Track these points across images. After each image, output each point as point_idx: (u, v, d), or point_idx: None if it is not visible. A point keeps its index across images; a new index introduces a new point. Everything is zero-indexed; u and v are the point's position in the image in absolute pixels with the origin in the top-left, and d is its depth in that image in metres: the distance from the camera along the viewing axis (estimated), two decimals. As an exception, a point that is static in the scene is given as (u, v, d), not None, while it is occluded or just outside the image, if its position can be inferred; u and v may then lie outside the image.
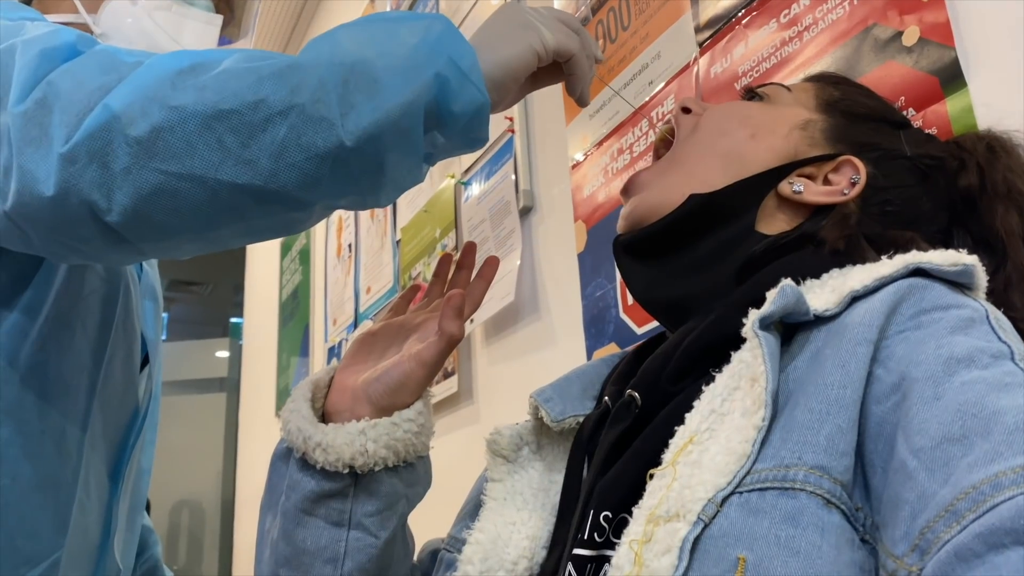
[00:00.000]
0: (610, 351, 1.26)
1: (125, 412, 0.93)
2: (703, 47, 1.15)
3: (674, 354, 0.58)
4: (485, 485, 0.67)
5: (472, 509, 0.71)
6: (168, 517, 5.13)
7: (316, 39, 0.61)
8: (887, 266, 0.53)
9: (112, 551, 0.91)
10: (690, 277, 0.64)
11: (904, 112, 0.81)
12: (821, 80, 0.74)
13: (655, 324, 1.15)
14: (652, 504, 0.47)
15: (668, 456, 0.49)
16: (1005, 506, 0.37)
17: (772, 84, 0.74)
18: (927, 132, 0.75)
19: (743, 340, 0.52)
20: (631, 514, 0.49)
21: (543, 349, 1.49)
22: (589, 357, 1.33)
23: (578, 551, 0.54)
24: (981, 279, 0.52)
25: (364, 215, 2.45)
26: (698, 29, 1.17)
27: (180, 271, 6.01)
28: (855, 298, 0.52)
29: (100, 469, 0.88)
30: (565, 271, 1.43)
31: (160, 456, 1.13)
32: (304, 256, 3.11)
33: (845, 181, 0.64)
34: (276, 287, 3.49)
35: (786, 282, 0.53)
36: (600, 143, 1.37)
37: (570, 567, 0.54)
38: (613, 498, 0.53)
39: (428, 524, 0.84)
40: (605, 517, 0.53)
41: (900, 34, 0.85)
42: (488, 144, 1.69)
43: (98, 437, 0.87)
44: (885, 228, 0.63)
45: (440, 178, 1.92)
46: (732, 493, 0.45)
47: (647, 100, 1.26)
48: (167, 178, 0.57)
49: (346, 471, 0.64)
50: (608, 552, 0.50)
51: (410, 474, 0.68)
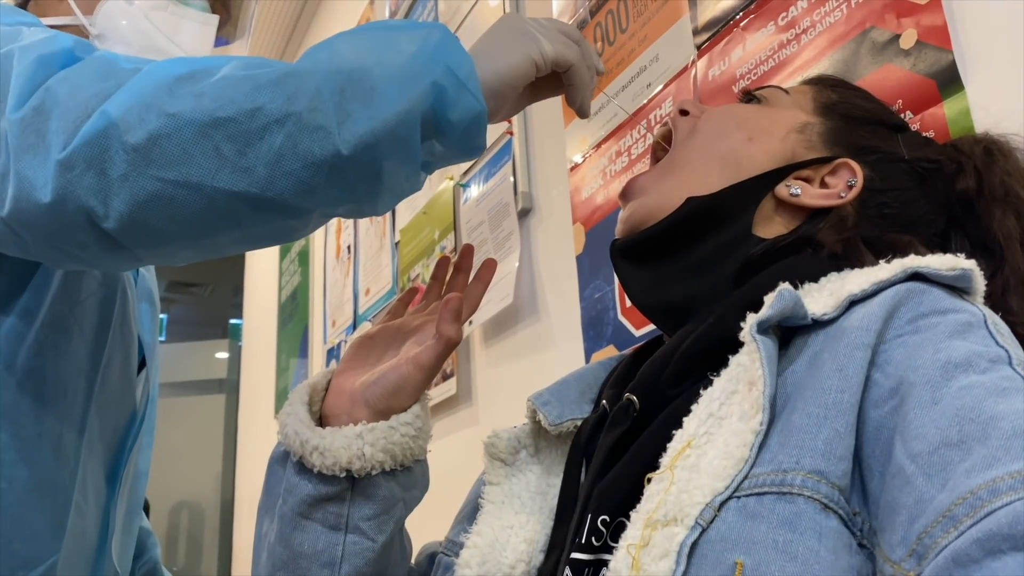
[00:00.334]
0: (608, 353, 1.26)
1: (123, 415, 0.93)
2: (701, 50, 1.15)
3: (672, 358, 0.57)
4: (483, 488, 0.67)
5: (470, 512, 0.71)
6: (167, 518, 5.13)
7: (314, 47, 0.61)
8: (885, 270, 0.52)
9: (110, 554, 0.91)
10: (687, 281, 0.64)
11: (901, 115, 0.80)
12: (819, 83, 0.74)
13: (653, 327, 1.15)
14: (650, 508, 0.47)
15: (666, 460, 0.49)
16: (1003, 512, 0.36)
17: (770, 87, 0.74)
18: (924, 135, 0.75)
19: (741, 344, 0.52)
20: (629, 518, 0.49)
21: (542, 351, 1.49)
22: (587, 359, 1.33)
23: (576, 555, 0.54)
24: (979, 283, 0.52)
25: (363, 217, 2.45)
26: (696, 32, 1.17)
27: (179, 272, 6.01)
28: (853, 302, 0.52)
29: (97, 472, 0.88)
30: (563, 273, 1.43)
31: (159, 457, 1.13)
32: (303, 258, 3.11)
33: (842, 184, 0.64)
34: (275, 288, 3.49)
35: (784, 286, 0.53)
36: (598, 145, 1.37)
37: (567, 571, 0.54)
38: (611, 502, 0.53)
39: (426, 527, 0.84)
40: (603, 521, 0.53)
41: (898, 37, 0.85)
42: (486, 148, 1.69)
43: (95, 440, 0.87)
44: (883, 231, 0.63)
45: (439, 180, 1.92)
46: (730, 497, 0.45)
47: (645, 102, 1.26)
48: (164, 185, 0.57)
49: (343, 475, 0.64)
50: (606, 556, 0.50)
51: (407, 478, 0.68)
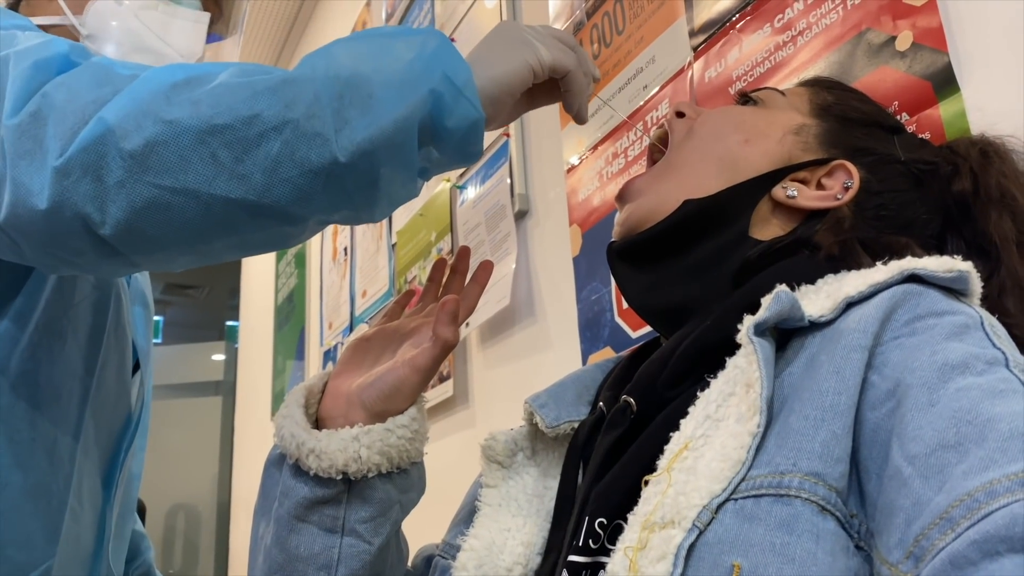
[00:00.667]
0: (605, 355, 1.26)
1: (118, 419, 0.93)
2: (697, 51, 1.15)
3: (669, 360, 0.57)
4: (480, 491, 0.67)
5: (467, 515, 0.71)
6: (164, 521, 5.12)
7: (311, 54, 0.61)
8: (882, 272, 0.52)
9: (106, 558, 0.90)
10: (685, 283, 0.64)
11: (897, 117, 0.81)
12: (815, 84, 0.74)
13: (650, 329, 1.15)
14: (647, 511, 0.47)
15: (663, 462, 0.49)
16: (999, 513, 0.36)
17: (766, 88, 0.74)
18: (921, 137, 0.75)
19: (738, 345, 0.52)
20: (626, 520, 0.48)
21: (538, 353, 1.49)
22: (584, 361, 1.33)
23: (573, 558, 0.53)
24: (976, 285, 0.52)
25: (359, 218, 2.45)
26: (692, 33, 1.17)
27: (175, 275, 5.99)
28: (850, 304, 0.52)
29: (93, 476, 0.88)
30: (560, 275, 1.43)
31: (156, 460, 1.13)
32: (300, 260, 3.11)
33: (838, 186, 0.64)
34: (272, 290, 3.49)
35: (781, 288, 0.53)
36: (595, 147, 1.37)
37: (565, 573, 0.54)
38: (608, 504, 0.53)
39: (423, 529, 0.83)
40: (600, 523, 0.53)
41: (893, 39, 0.85)
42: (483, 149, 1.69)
43: (91, 445, 0.87)
44: (879, 233, 0.63)
45: (435, 182, 1.92)
46: (727, 500, 0.45)
47: (641, 104, 1.26)
48: (161, 192, 0.57)
49: (339, 477, 0.64)
50: (603, 559, 0.50)
51: (404, 480, 0.68)
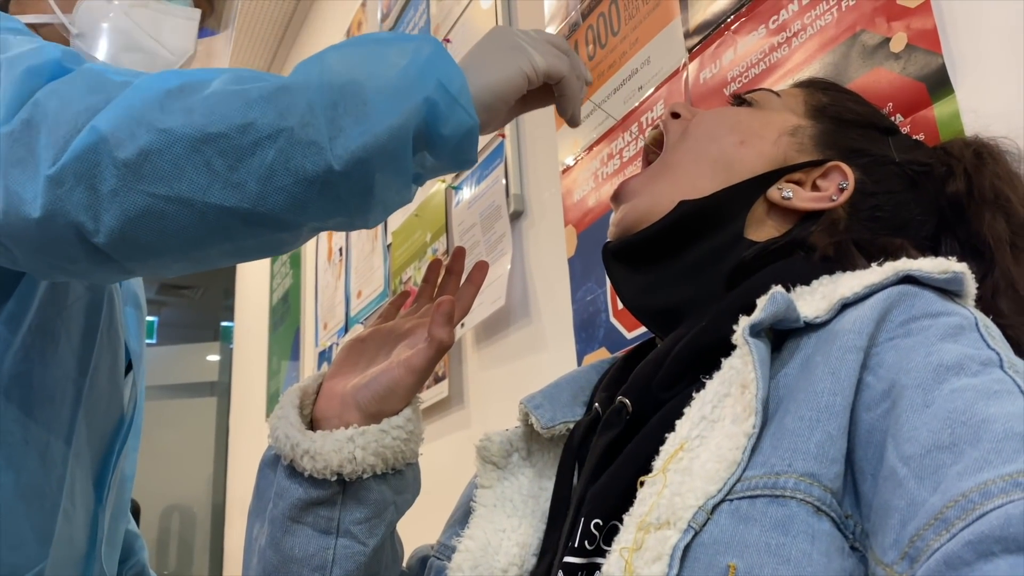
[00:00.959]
0: (600, 355, 1.26)
1: (110, 420, 0.92)
2: (692, 53, 1.15)
3: (665, 361, 0.57)
4: (475, 492, 0.67)
5: (462, 516, 0.71)
6: (158, 522, 5.11)
7: (304, 61, 0.61)
8: (877, 273, 0.52)
9: (99, 559, 0.90)
10: (680, 284, 0.64)
11: (892, 118, 0.81)
12: (810, 86, 0.74)
13: (645, 329, 1.15)
14: (643, 512, 0.47)
15: (659, 463, 0.49)
16: (994, 514, 0.36)
17: (761, 90, 0.74)
18: (915, 138, 0.75)
19: (734, 347, 0.52)
20: (622, 521, 0.48)
21: (534, 353, 1.49)
22: (579, 361, 1.33)
23: (569, 559, 0.53)
24: (970, 287, 0.52)
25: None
26: (687, 35, 1.17)
27: (170, 275, 5.99)
28: (845, 305, 0.52)
29: (85, 478, 0.88)
30: (555, 275, 1.43)
31: (150, 460, 1.13)
32: (295, 260, 3.10)
33: (833, 187, 0.64)
34: (267, 291, 3.48)
35: (776, 289, 0.53)
36: (590, 148, 1.37)
37: (560, 574, 0.54)
38: (604, 505, 0.53)
39: (418, 530, 0.83)
40: (596, 524, 0.53)
41: (888, 40, 0.85)
42: (479, 149, 1.69)
43: (83, 446, 0.87)
44: (874, 234, 0.63)
45: (431, 183, 1.92)
46: (723, 500, 0.45)
47: (636, 105, 1.26)
48: (155, 200, 0.56)
49: (334, 479, 0.63)
50: (599, 560, 0.50)
51: (399, 481, 0.68)
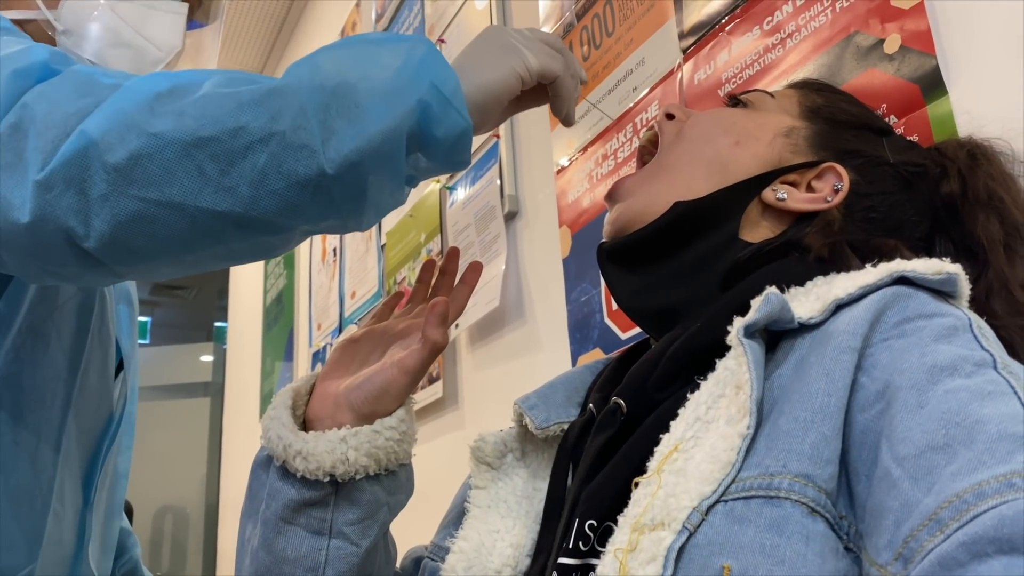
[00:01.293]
0: (595, 356, 1.26)
1: (99, 420, 0.92)
2: (687, 53, 1.15)
3: (659, 361, 0.57)
4: (469, 492, 0.67)
5: (456, 517, 0.71)
6: (151, 522, 5.10)
7: (296, 63, 0.60)
8: (871, 274, 0.53)
9: (86, 559, 0.89)
10: (675, 285, 0.64)
11: (886, 119, 0.81)
12: (804, 87, 0.74)
13: (639, 330, 1.15)
14: (637, 513, 0.47)
15: (653, 464, 0.49)
16: (988, 515, 0.37)
17: (755, 91, 0.74)
18: (909, 139, 0.75)
19: (728, 347, 0.52)
20: (616, 523, 0.48)
21: (528, 354, 1.49)
22: (574, 362, 1.33)
23: (563, 560, 0.53)
24: (964, 288, 0.52)
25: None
26: (682, 36, 1.17)
27: (163, 275, 5.97)
28: (839, 306, 0.52)
29: (74, 477, 0.87)
30: (550, 276, 1.43)
31: (144, 461, 1.12)
32: (288, 261, 3.10)
33: (828, 188, 0.65)
34: (260, 291, 3.47)
35: (771, 290, 0.53)
36: (585, 148, 1.37)
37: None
38: (598, 506, 0.53)
39: (411, 531, 0.83)
40: (590, 526, 0.53)
41: (882, 42, 0.85)
42: (473, 150, 1.69)
43: (72, 446, 0.86)
44: (869, 235, 0.63)
45: (425, 183, 1.91)
46: (717, 501, 0.45)
47: (631, 106, 1.26)
48: (145, 205, 0.56)
49: (327, 479, 0.63)
50: (593, 561, 0.50)
51: (392, 482, 0.68)
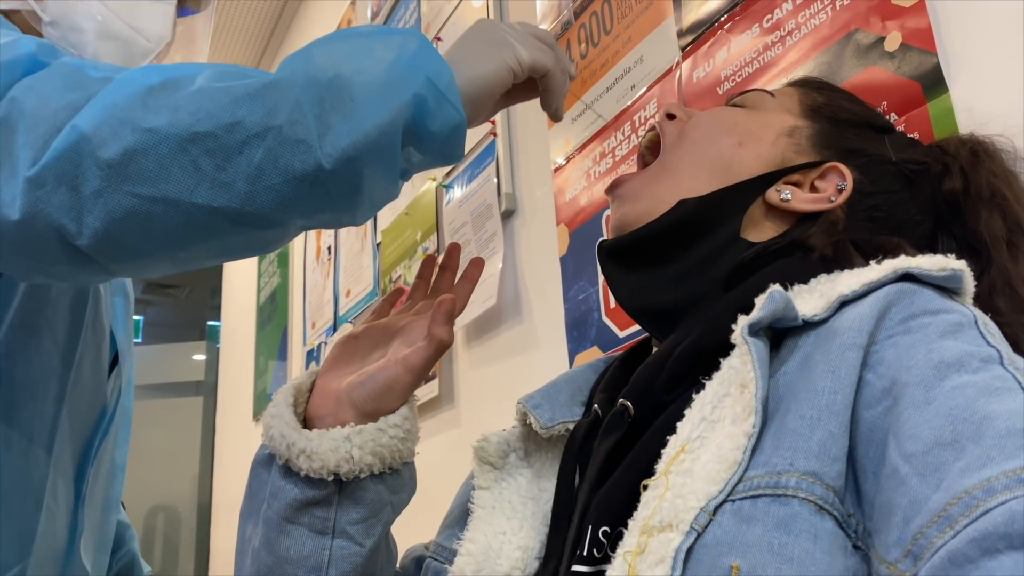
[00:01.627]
0: (592, 354, 1.26)
1: (92, 413, 0.91)
2: (685, 52, 1.15)
3: (666, 363, 0.57)
4: (472, 493, 0.66)
5: (459, 516, 0.71)
6: (143, 522, 5.08)
7: (290, 57, 0.60)
8: (876, 271, 0.52)
9: (78, 553, 0.88)
10: (676, 285, 0.64)
11: (887, 117, 0.81)
12: (804, 85, 0.74)
13: (637, 327, 1.15)
14: (646, 515, 0.47)
15: (660, 466, 0.49)
16: (998, 511, 0.36)
17: (754, 90, 0.74)
18: (911, 137, 0.75)
19: (732, 346, 0.51)
20: (627, 527, 0.48)
21: (525, 352, 1.49)
22: (571, 360, 1.33)
23: (577, 567, 0.53)
24: (969, 284, 0.52)
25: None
26: (680, 34, 1.17)
27: (156, 274, 5.95)
28: (844, 303, 0.52)
29: (67, 473, 0.86)
30: (547, 274, 1.43)
31: (136, 460, 1.11)
32: (282, 259, 3.09)
33: (832, 188, 0.64)
34: (254, 290, 3.46)
35: (774, 287, 0.53)
36: (582, 147, 1.37)
37: None
38: (610, 512, 0.53)
39: (409, 529, 0.83)
40: (604, 532, 0.52)
41: (882, 39, 0.85)
42: (470, 147, 1.68)
43: (65, 442, 0.85)
44: (872, 234, 0.63)
45: (421, 181, 1.92)
46: (724, 501, 0.45)
47: (629, 104, 1.26)
48: (140, 201, 0.55)
49: (331, 478, 0.63)
50: (606, 567, 0.50)
51: (395, 480, 0.67)
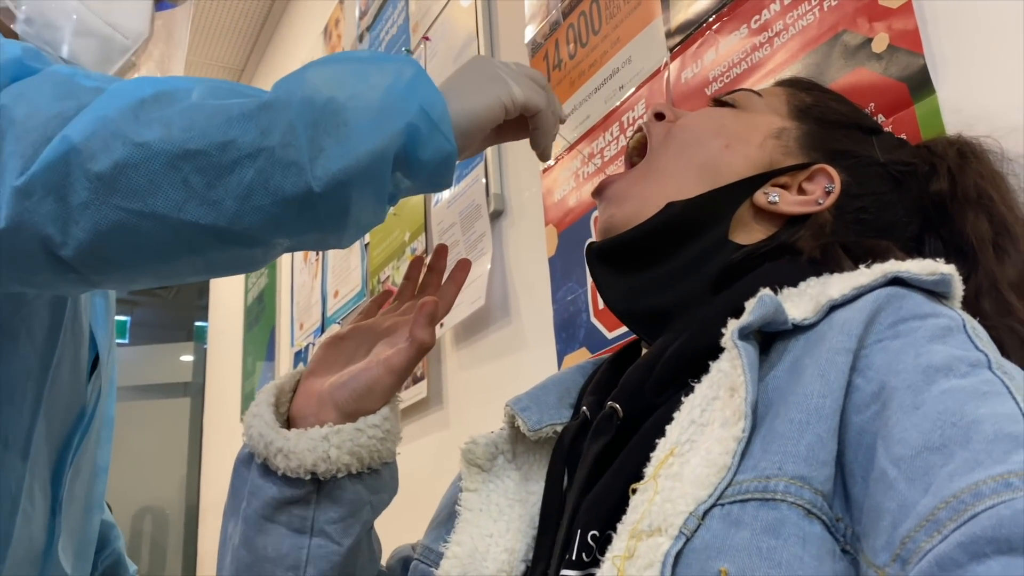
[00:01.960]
0: (581, 356, 1.26)
1: (70, 416, 0.90)
2: (674, 52, 1.15)
3: (655, 365, 0.57)
4: (460, 495, 0.66)
5: (446, 518, 0.70)
6: (131, 523, 5.05)
7: (285, 78, 0.60)
8: (865, 275, 0.52)
9: (56, 556, 0.87)
10: (665, 288, 0.64)
11: (874, 118, 0.81)
12: (792, 85, 0.74)
13: (626, 329, 1.15)
14: (634, 519, 0.47)
15: (649, 470, 0.49)
16: (986, 515, 0.36)
17: (742, 90, 0.74)
18: (898, 137, 0.75)
19: (722, 350, 0.51)
20: (616, 531, 0.48)
21: (514, 353, 1.49)
22: (560, 362, 1.32)
23: (566, 572, 0.53)
24: (958, 288, 0.52)
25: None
26: (669, 34, 1.17)
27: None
28: (833, 307, 0.52)
29: (44, 476, 0.85)
30: (536, 275, 1.43)
31: (123, 461, 1.10)
32: (270, 259, 3.07)
33: (820, 190, 0.64)
34: (242, 291, 3.45)
35: (764, 291, 0.52)
36: (571, 147, 1.37)
37: None
38: (599, 516, 0.52)
39: (396, 530, 0.83)
40: (593, 536, 0.52)
41: (870, 41, 0.86)
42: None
43: (42, 444, 0.84)
44: (860, 236, 0.63)
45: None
46: (713, 505, 0.44)
47: (617, 105, 1.26)
48: (128, 215, 0.55)
49: (308, 477, 0.63)
50: (596, 571, 0.50)
51: (375, 481, 0.67)
